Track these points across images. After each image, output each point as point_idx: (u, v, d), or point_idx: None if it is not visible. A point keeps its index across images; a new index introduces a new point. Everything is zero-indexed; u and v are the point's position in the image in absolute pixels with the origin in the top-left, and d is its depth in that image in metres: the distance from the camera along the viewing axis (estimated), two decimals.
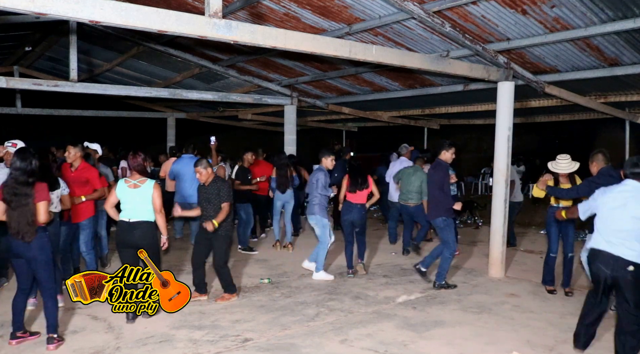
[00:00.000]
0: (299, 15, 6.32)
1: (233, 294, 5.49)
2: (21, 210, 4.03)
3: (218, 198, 5.29)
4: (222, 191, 5.32)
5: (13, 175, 4.06)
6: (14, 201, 4.02)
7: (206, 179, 5.35)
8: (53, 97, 11.98)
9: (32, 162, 4.09)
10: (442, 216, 5.89)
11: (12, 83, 7.67)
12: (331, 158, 6.56)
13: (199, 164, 5.34)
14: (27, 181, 4.05)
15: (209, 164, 5.38)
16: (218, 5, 3.80)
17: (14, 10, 3.10)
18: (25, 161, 4.07)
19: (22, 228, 4.03)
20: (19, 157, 4.09)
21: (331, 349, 4.22)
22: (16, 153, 4.16)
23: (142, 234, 4.74)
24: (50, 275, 4.18)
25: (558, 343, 4.39)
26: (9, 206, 4.05)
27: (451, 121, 12.79)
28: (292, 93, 10.17)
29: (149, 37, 8.36)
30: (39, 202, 4.09)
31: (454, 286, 6.05)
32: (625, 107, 8.88)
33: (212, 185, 5.35)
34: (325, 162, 6.55)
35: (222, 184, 5.38)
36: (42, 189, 4.14)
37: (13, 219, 4.05)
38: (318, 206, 6.38)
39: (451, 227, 5.98)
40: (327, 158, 6.54)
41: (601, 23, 5.30)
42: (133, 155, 4.86)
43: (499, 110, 6.52)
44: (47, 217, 4.13)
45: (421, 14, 5.28)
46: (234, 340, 4.38)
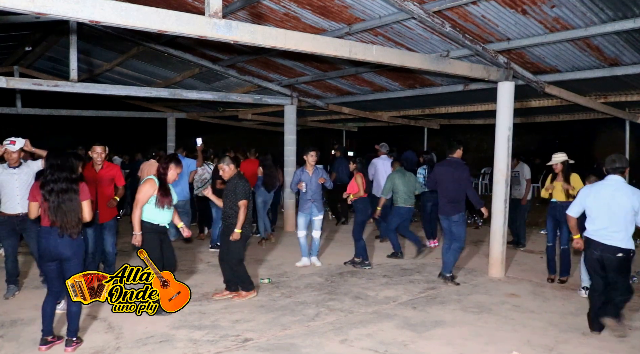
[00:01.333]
0: (299, 15, 6.32)
1: (250, 292, 5.54)
2: (69, 206, 4.01)
3: (234, 195, 5.39)
4: (238, 188, 5.39)
5: (53, 174, 4.03)
6: (59, 198, 3.99)
7: (228, 176, 5.51)
8: (53, 97, 11.99)
9: (68, 159, 4.11)
10: (461, 211, 6.15)
11: (12, 83, 7.67)
12: (311, 154, 6.89)
13: (222, 161, 5.58)
14: (69, 177, 4.05)
15: (231, 161, 5.54)
16: (218, 5, 3.80)
17: (14, 10, 3.10)
18: (60, 158, 4.08)
19: (70, 225, 4.01)
20: (54, 155, 4.10)
21: (331, 349, 4.22)
22: (50, 153, 4.18)
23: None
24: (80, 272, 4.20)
25: (558, 343, 4.39)
26: (50, 203, 4.00)
27: (451, 121, 12.79)
28: (292, 93, 10.17)
29: (149, 37, 8.36)
30: (84, 201, 4.10)
31: (457, 283, 6.22)
32: (625, 107, 8.87)
33: (230, 182, 5.48)
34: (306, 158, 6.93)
35: (239, 182, 5.44)
36: (85, 188, 4.16)
37: (59, 216, 3.99)
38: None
39: (465, 223, 6.31)
40: (307, 154, 6.91)
41: (601, 23, 5.30)
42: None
43: (499, 110, 6.53)
44: (91, 216, 4.18)
45: (421, 14, 5.28)
46: (234, 340, 4.38)
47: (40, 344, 4.15)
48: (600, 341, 4.44)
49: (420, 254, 7.77)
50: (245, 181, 5.49)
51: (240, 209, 5.33)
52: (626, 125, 9.39)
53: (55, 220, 4.00)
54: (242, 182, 5.42)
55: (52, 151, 4.25)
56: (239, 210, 5.34)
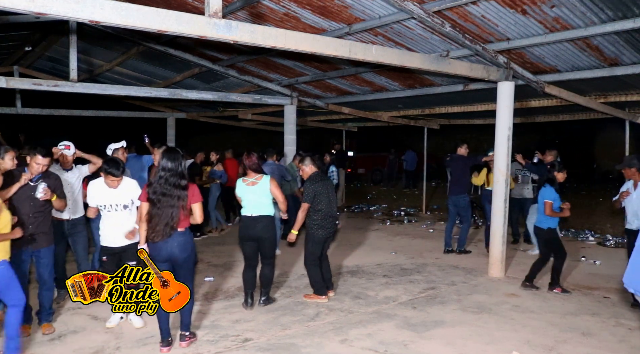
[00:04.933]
0: (299, 15, 6.32)
1: (320, 296, 5.49)
2: (166, 211, 3.96)
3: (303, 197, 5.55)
4: (304, 191, 5.50)
5: (162, 175, 3.99)
6: (161, 202, 3.96)
7: (307, 176, 5.61)
8: (53, 97, 11.97)
9: (181, 164, 4.05)
10: (465, 194, 7.84)
11: (12, 83, 7.66)
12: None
13: (303, 162, 5.73)
14: (178, 183, 3.99)
15: (311, 162, 5.65)
16: (218, 5, 3.80)
17: (14, 10, 3.09)
18: (175, 162, 4.02)
19: (163, 229, 3.97)
20: (168, 157, 4.03)
21: (331, 349, 4.22)
22: (164, 153, 4.11)
23: (264, 227, 5.13)
24: (192, 275, 4.22)
25: (558, 343, 4.39)
26: (155, 206, 3.96)
27: (451, 121, 12.78)
28: (292, 93, 10.16)
29: (149, 37, 8.35)
30: (195, 203, 4.07)
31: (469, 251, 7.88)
32: (625, 107, 8.86)
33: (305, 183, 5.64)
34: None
35: (307, 184, 5.52)
36: (196, 190, 4.12)
37: (154, 219, 3.98)
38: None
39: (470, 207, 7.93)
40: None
41: (601, 23, 5.30)
42: (248, 155, 5.21)
43: (499, 110, 6.52)
44: (202, 218, 4.18)
45: (421, 14, 5.28)
46: (234, 340, 4.38)
47: (180, 341, 4.20)
48: (600, 341, 4.44)
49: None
50: (310, 184, 5.48)
51: (299, 211, 5.46)
52: (626, 125, 9.38)
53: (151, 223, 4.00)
54: (306, 186, 5.48)
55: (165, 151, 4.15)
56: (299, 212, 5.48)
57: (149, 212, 4.02)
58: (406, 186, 16.90)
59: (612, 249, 8.30)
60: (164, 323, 4.15)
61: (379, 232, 9.77)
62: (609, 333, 4.61)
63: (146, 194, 4.03)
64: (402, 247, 8.40)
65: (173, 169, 4.01)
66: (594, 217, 11.13)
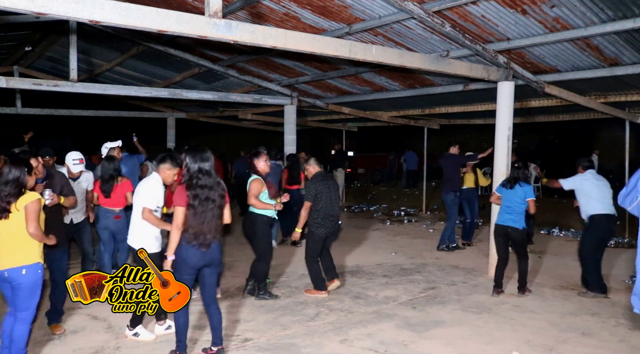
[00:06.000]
0: (299, 15, 6.32)
1: (320, 291, 5.68)
2: (209, 217, 3.74)
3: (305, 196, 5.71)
4: (306, 190, 5.68)
5: (200, 178, 3.74)
6: (203, 206, 3.71)
7: (310, 176, 5.75)
8: (53, 97, 11.97)
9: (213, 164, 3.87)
10: (455, 191, 8.17)
11: (12, 83, 7.66)
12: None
13: (307, 161, 5.84)
14: (216, 186, 3.78)
15: (315, 162, 5.78)
16: (218, 5, 3.80)
17: (14, 10, 3.09)
18: (209, 162, 3.78)
19: (210, 235, 3.76)
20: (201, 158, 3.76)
21: (331, 349, 4.22)
22: (194, 154, 3.81)
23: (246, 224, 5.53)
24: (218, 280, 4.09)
25: (558, 342, 4.39)
26: (196, 211, 3.71)
27: (451, 121, 12.78)
28: (292, 93, 10.17)
29: (149, 37, 8.35)
30: (226, 205, 3.94)
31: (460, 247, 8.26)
32: (625, 107, 8.87)
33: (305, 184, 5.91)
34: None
35: (309, 184, 5.65)
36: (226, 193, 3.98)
37: (197, 226, 3.72)
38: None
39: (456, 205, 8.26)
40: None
41: (601, 23, 5.30)
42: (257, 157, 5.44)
43: (499, 110, 6.52)
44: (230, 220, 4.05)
45: (421, 13, 5.28)
46: (234, 340, 4.38)
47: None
48: (600, 341, 4.44)
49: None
50: (312, 183, 5.63)
51: (302, 210, 5.63)
52: (626, 125, 9.39)
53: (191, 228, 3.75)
54: (308, 185, 5.66)
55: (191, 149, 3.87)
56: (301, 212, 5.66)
57: (188, 219, 3.73)
58: (406, 186, 16.90)
59: (612, 249, 8.29)
60: (183, 335, 3.96)
61: (379, 232, 9.77)
62: (609, 333, 4.61)
63: (186, 199, 3.72)
64: (402, 247, 8.40)
65: (209, 171, 3.76)
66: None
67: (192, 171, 3.76)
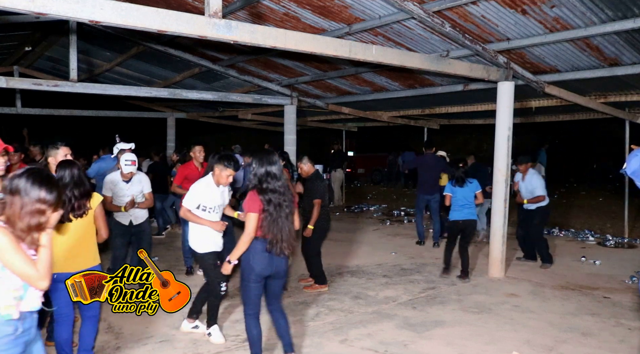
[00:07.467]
0: (299, 15, 6.32)
1: (322, 285, 5.82)
2: (283, 222, 3.56)
3: (311, 193, 5.71)
4: (315, 187, 5.70)
5: (270, 182, 3.56)
6: (278, 212, 3.54)
7: (306, 175, 5.84)
8: (53, 97, 11.96)
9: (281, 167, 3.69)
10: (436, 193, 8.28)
11: (12, 83, 7.66)
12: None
13: (301, 160, 5.88)
14: (286, 190, 3.62)
15: (309, 160, 5.85)
16: (218, 5, 3.80)
17: (14, 10, 3.09)
18: (277, 165, 3.59)
19: (288, 242, 3.58)
20: (269, 161, 3.59)
21: (331, 349, 4.22)
22: (260, 157, 3.64)
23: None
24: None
25: (558, 343, 4.39)
26: (271, 217, 3.52)
27: (451, 121, 12.78)
28: (292, 93, 10.16)
29: (149, 37, 8.35)
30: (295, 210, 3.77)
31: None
32: (625, 107, 8.86)
33: (309, 180, 5.81)
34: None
35: (316, 181, 5.72)
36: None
37: (274, 233, 3.54)
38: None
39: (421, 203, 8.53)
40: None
41: (601, 23, 5.30)
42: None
43: (499, 110, 6.52)
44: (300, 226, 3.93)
45: (421, 14, 5.28)
46: (234, 340, 4.38)
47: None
48: (600, 341, 4.44)
49: None
50: (322, 180, 5.81)
51: (315, 207, 5.67)
52: (626, 125, 9.39)
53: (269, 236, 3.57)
54: (319, 182, 5.74)
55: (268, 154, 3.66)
56: (313, 208, 5.68)
57: (263, 225, 3.54)
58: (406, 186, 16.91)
59: (612, 249, 8.30)
60: (258, 347, 3.72)
61: (379, 232, 9.77)
62: (609, 333, 4.61)
63: (260, 204, 3.53)
64: (402, 247, 8.40)
65: (278, 175, 3.58)
66: (594, 217, 11.13)
67: (259, 175, 3.58)
